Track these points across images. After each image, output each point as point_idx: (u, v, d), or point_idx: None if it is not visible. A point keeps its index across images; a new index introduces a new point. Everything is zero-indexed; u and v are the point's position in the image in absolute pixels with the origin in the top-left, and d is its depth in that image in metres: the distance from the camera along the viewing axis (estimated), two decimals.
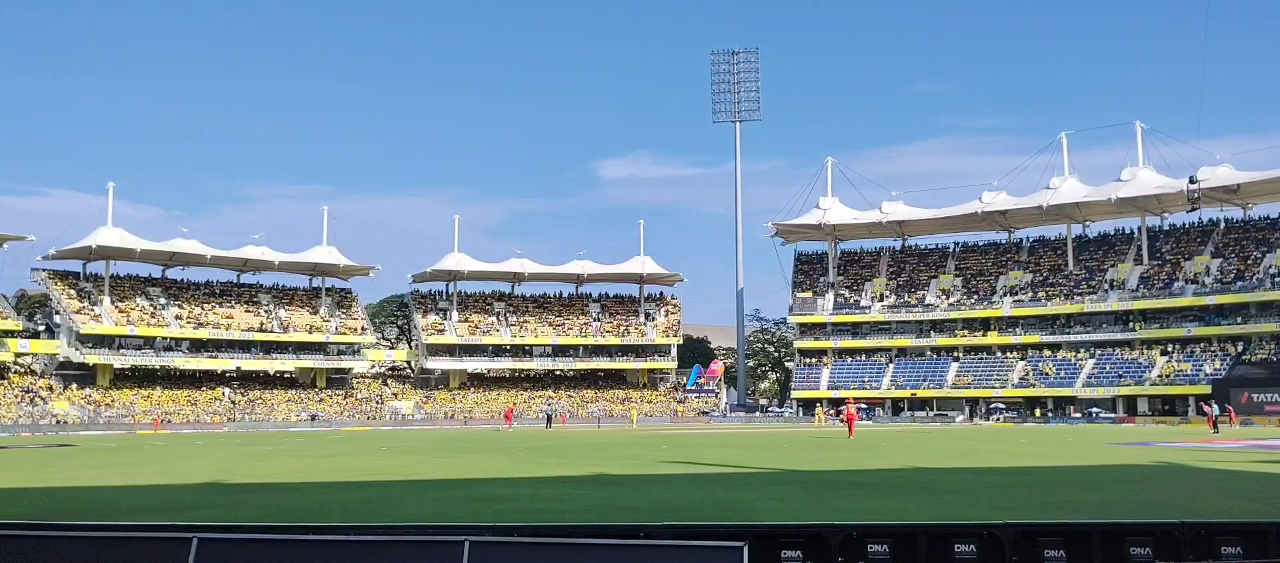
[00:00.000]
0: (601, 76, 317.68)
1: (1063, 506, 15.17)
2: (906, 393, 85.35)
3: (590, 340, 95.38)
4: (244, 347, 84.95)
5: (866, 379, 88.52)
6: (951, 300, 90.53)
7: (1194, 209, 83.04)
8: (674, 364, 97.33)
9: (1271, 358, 72.68)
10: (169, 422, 73.26)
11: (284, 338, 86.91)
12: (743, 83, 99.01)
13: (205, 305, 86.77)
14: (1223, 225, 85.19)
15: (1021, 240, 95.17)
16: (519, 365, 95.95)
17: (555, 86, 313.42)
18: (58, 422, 70.06)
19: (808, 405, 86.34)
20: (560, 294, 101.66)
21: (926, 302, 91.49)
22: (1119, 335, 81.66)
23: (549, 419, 66.39)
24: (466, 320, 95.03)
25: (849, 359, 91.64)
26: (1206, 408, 55.54)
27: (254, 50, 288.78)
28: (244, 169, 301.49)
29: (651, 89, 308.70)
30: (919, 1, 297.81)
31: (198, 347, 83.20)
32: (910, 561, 8.91)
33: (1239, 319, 76.27)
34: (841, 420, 72.28)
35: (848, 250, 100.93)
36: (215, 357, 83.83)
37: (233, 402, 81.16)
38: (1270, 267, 77.17)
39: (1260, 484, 19.32)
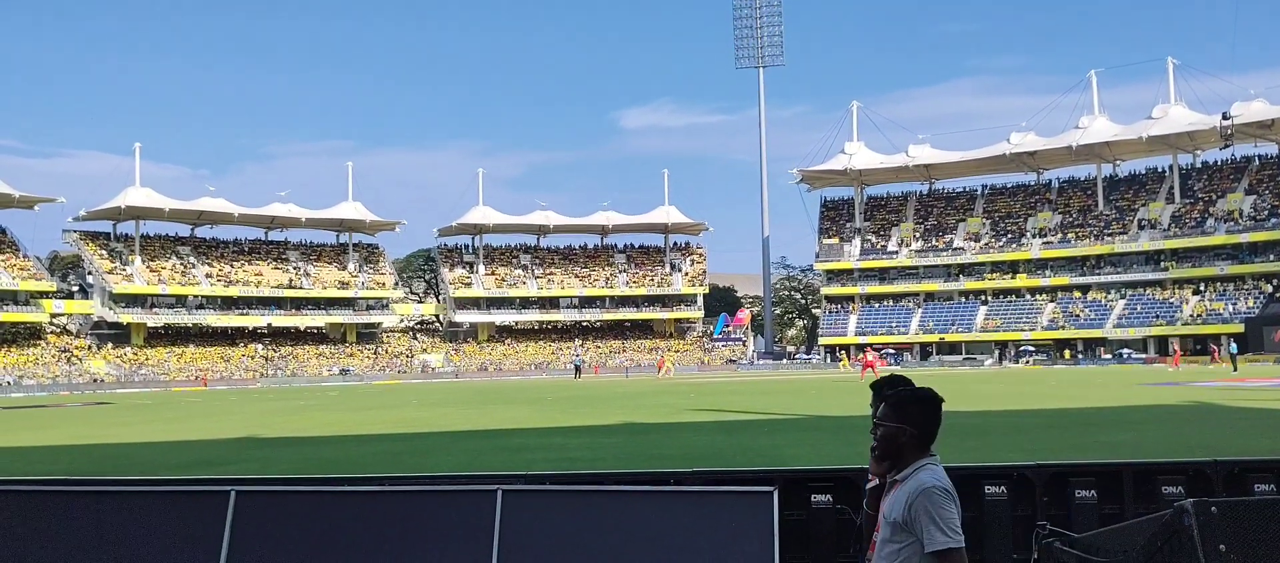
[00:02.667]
0: (621, 24, 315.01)
1: (1093, 446, 15.14)
2: (935, 337, 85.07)
3: (617, 291, 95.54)
4: (274, 303, 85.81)
5: (894, 325, 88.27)
6: (980, 244, 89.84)
7: (1227, 145, 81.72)
8: (701, 313, 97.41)
9: None
10: (203, 379, 74.29)
11: (313, 294, 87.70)
12: (765, 27, 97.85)
13: (234, 263, 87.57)
14: (1257, 162, 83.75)
15: (1050, 181, 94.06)
16: (546, 317, 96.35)
17: (575, 36, 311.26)
18: (94, 380, 71.23)
19: (835, 352, 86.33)
20: (585, 246, 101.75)
21: (954, 246, 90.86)
22: (1150, 275, 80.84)
23: (578, 369, 66.76)
24: (493, 274, 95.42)
25: (876, 305, 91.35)
26: (1175, 345, 55.15)
27: (274, 7, 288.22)
28: (267, 126, 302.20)
29: (672, 36, 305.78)
30: None
31: (228, 304, 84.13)
32: None
33: (1272, 257, 75.24)
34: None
35: (874, 195, 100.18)
36: (246, 314, 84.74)
37: (265, 358, 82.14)
38: None
39: None
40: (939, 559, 3.58)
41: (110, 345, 78.59)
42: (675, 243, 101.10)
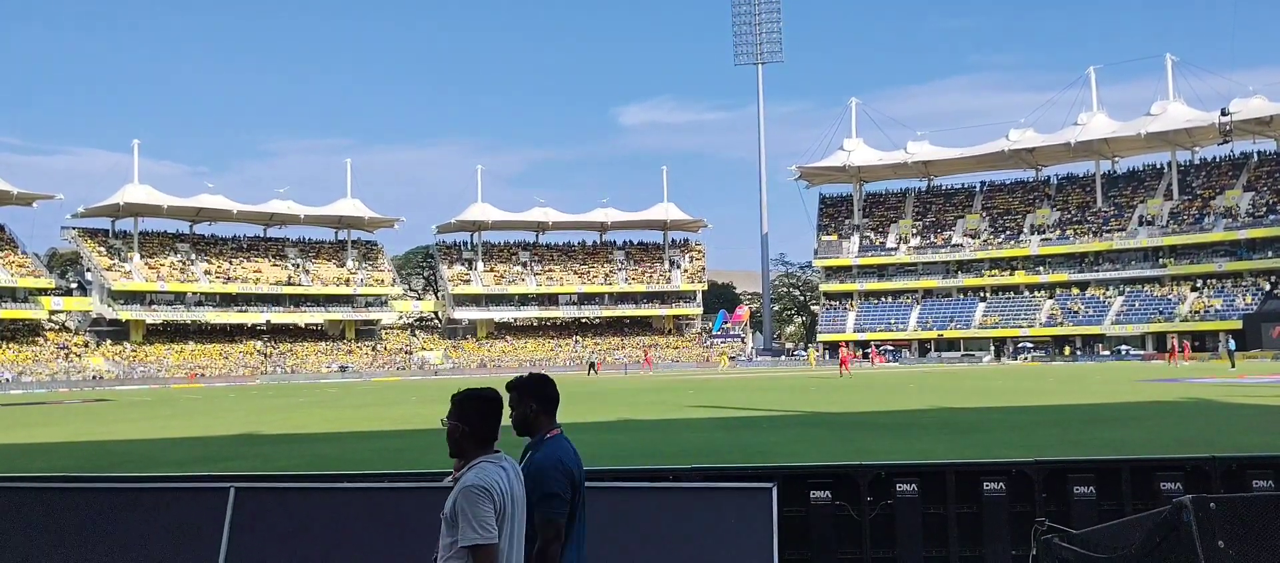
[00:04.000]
0: (620, 21, 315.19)
1: (1092, 443, 15.16)
2: (933, 334, 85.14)
3: (616, 288, 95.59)
4: (273, 300, 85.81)
5: (893, 322, 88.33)
6: (978, 241, 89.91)
7: (1226, 142, 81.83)
8: (699, 310, 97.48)
9: None
10: (202, 375, 74.29)
11: (312, 291, 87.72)
12: (764, 24, 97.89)
13: (233, 260, 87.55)
14: (1255, 158, 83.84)
15: (1049, 178, 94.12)
16: (545, 314, 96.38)
17: (574, 32, 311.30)
18: (93, 378, 71.21)
19: (833, 348, 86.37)
20: (584, 242, 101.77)
21: (953, 242, 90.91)
22: (1148, 272, 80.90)
23: (592, 366, 67.16)
24: (492, 270, 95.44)
25: (875, 302, 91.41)
26: (1172, 341, 55.35)
27: (273, 4, 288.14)
28: (266, 123, 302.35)
29: (671, 33, 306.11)
30: None
31: (227, 301, 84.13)
32: (939, 499, 8.94)
33: (1271, 253, 75.31)
34: (866, 361, 72.29)
35: (873, 192, 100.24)
36: (244, 311, 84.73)
37: (264, 355, 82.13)
38: None
39: None
40: (472, 555, 3.72)
41: (109, 342, 78.56)
42: (674, 240, 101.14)
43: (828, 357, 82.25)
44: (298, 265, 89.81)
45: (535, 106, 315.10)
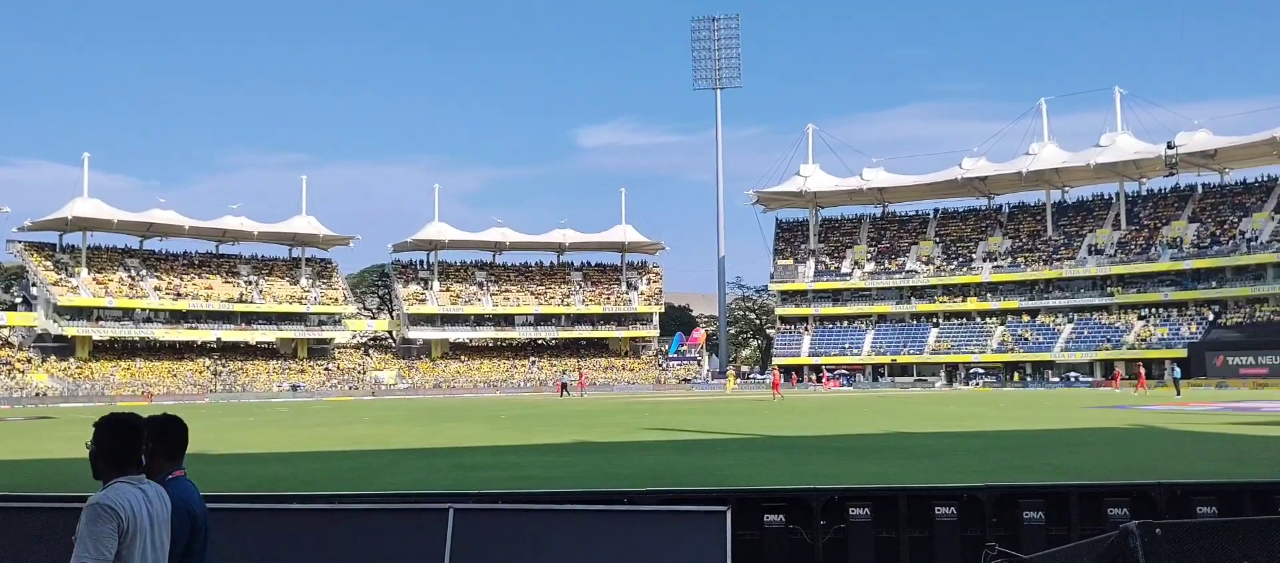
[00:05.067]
0: (580, 43, 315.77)
1: (1041, 468, 15.35)
2: (887, 359, 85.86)
3: (572, 309, 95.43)
4: (224, 317, 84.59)
5: (847, 346, 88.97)
6: (932, 267, 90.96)
7: (1172, 174, 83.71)
8: (656, 332, 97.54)
9: (1246, 322, 73.49)
10: (150, 393, 72.96)
11: (264, 308, 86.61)
12: (723, 49, 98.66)
13: (184, 276, 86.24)
14: (1200, 190, 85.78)
15: (1001, 206, 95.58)
16: (501, 335, 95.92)
17: (533, 53, 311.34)
18: (36, 394, 69.65)
19: (794, 372, 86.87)
20: (542, 263, 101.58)
21: (907, 268, 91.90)
22: (1097, 300, 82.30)
23: (564, 387, 66.87)
24: (448, 290, 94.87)
25: (830, 326, 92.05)
26: (1141, 369, 56.52)
27: (228, 16, 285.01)
28: (220, 138, 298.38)
29: (631, 56, 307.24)
30: None
31: (177, 317, 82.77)
32: (891, 523, 9.01)
33: (1215, 283, 77.00)
34: (820, 384, 72.82)
35: (829, 217, 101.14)
36: (195, 327, 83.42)
37: (214, 373, 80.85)
38: (1246, 231, 77.88)
39: (1234, 445, 19.60)
40: None
41: (53, 358, 76.92)
42: (631, 262, 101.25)
43: (740, 381, 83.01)
44: (250, 282, 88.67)
45: (494, 126, 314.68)
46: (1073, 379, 75.05)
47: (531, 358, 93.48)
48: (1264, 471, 14.65)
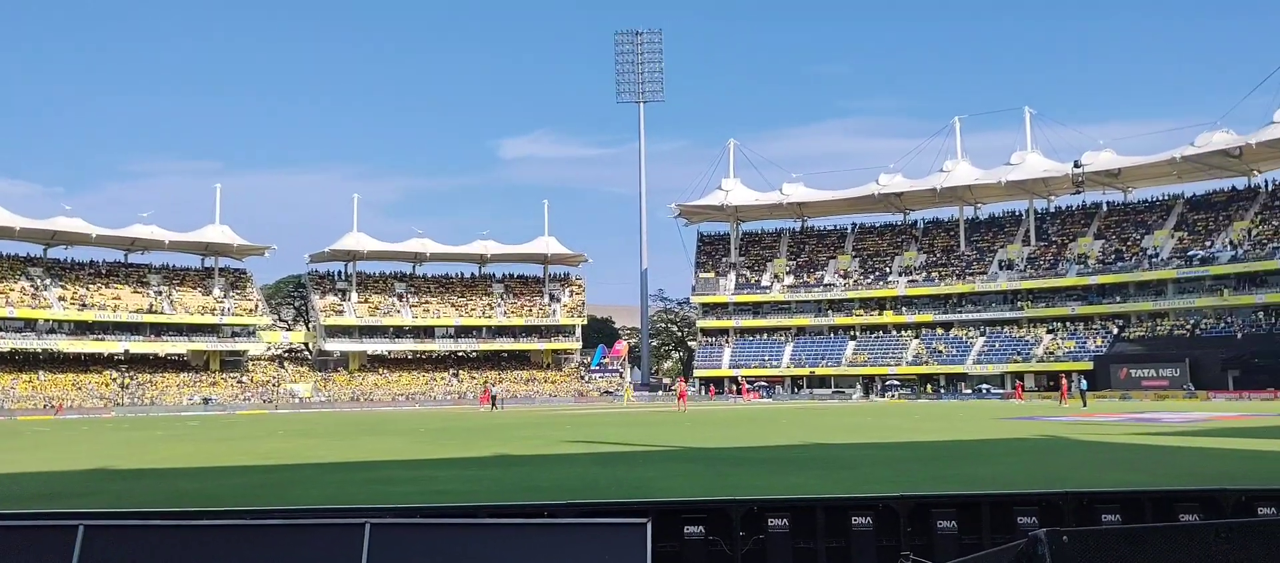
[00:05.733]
0: (503, 54, 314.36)
1: (954, 478, 15.68)
2: (805, 371, 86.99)
3: (494, 321, 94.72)
4: (132, 329, 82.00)
5: (767, 358, 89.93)
6: (849, 281, 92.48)
7: (1078, 192, 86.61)
8: (578, 344, 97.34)
9: (1148, 335, 76.17)
10: (57, 405, 70.38)
11: (175, 319, 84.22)
12: (646, 63, 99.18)
13: (91, 286, 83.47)
14: (1105, 208, 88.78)
15: (916, 222, 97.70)
16: (421, 347, 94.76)
17: (456, 63, 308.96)
18: None
19: (713, 384, 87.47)
20: (463, 275, 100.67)
21: (825, 281, 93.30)
22: (1007, 314, 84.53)
23: (494, 399, 66.16)
24: (366, 301, 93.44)
25: (750, 338, 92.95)
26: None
27: (138, 19, 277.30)
28: (129, 144, 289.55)
29: (554, 68, 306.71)
30: None
31: (83, 329, 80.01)
32: (809, 533, 9.12)
33: (1119, 298, 79.70)
34: (739, 396, 73.48)
35: (749, 231, 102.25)
36: (102, 339, 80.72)
37: (122, 385, 78.34)
38: (1148, 248, 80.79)
39: (1136, 455, 20.27)
40: None
41: None
42: (554, 274, 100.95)
43: (636, 393, 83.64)
44: (160, 293, 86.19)
45: (415, 135, 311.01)
46: (985, 391, 76.92)
47: (452, 371, 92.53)
48: (1165, 480, 15.18)
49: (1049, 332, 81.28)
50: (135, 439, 32.30)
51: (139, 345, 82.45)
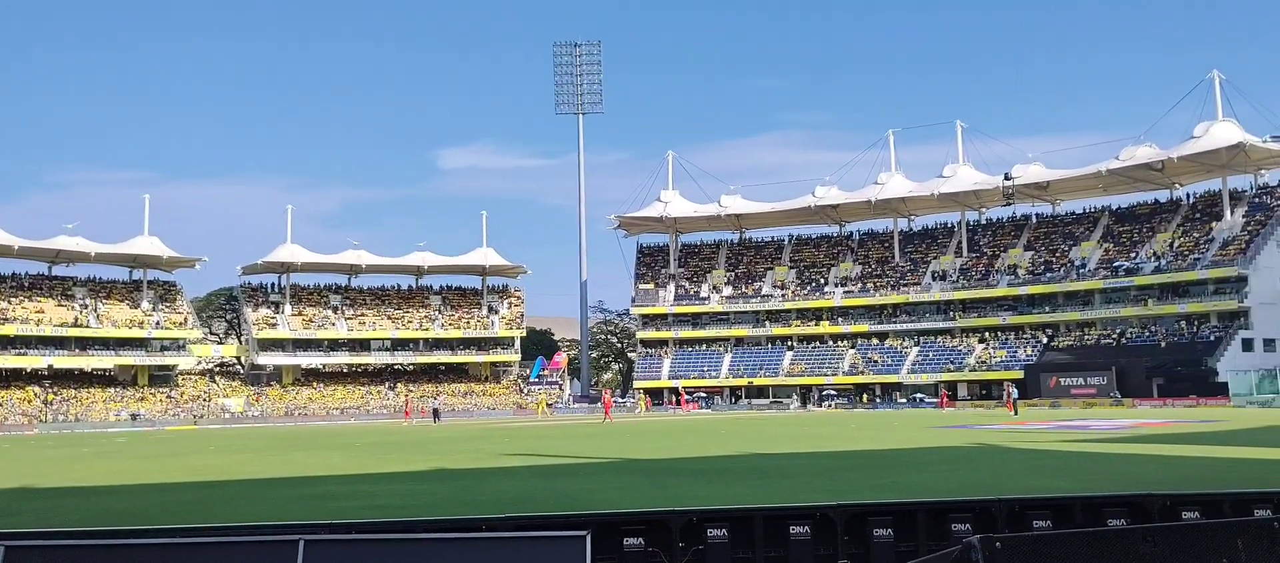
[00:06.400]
0: (442, 65, 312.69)
1: (890, 487, 15.88)
2: (744, 381, 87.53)
3: (432, 334, 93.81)
4: (56, 343, 79.67)
5: (706, 368, 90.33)
6: (786, 291, 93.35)
7: (1009, 204, 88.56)
8: (517, 357, 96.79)
9: (1076, 345, 77.99)
10: None
11: (101, 333, 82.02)
12: (585, 75, 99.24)
13: (12, 299, 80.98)
14: (1034, 220, 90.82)
15: (852, 233, 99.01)
16: (356, 360, 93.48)
17: (394, 73, 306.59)
18: None
19: (651, 394, 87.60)
20: (399, 287, 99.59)
21: (763, 292, 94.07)
22: (941, 324, 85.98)
23: (436, 413, 65.37)
24: (300, 314, 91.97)
25: (689, 349, 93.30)
26: (1011, 391, 59.36)
27: (66, 23, 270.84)
28: (54, 152, 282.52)
29: (494, 79, 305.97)
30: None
31: (4, 343, 77.50)
32: (748, 543, 9.16)
33: (1048, 308, 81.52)
34: (678, 407, 73.60)
35: (688, 243, 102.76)
36: (23, 354, 78.31)
37: (45, 402, 76.08)
38: (1075, 259, 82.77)
39: (1066, 462, 20.73)
40: None
41: None
42: (493, 285, 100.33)
43: (576, 404, 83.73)
44: (86, 306, 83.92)
45: (352, 145, 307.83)
46: (919, 400, 78.07)
47: (388, 383, 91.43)
48: (1094, 485, 15.53)
49: (981, 341, 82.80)
50: (59, 457, 31.39)
51: (63, 360, 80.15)
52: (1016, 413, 52.89)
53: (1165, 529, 4.55)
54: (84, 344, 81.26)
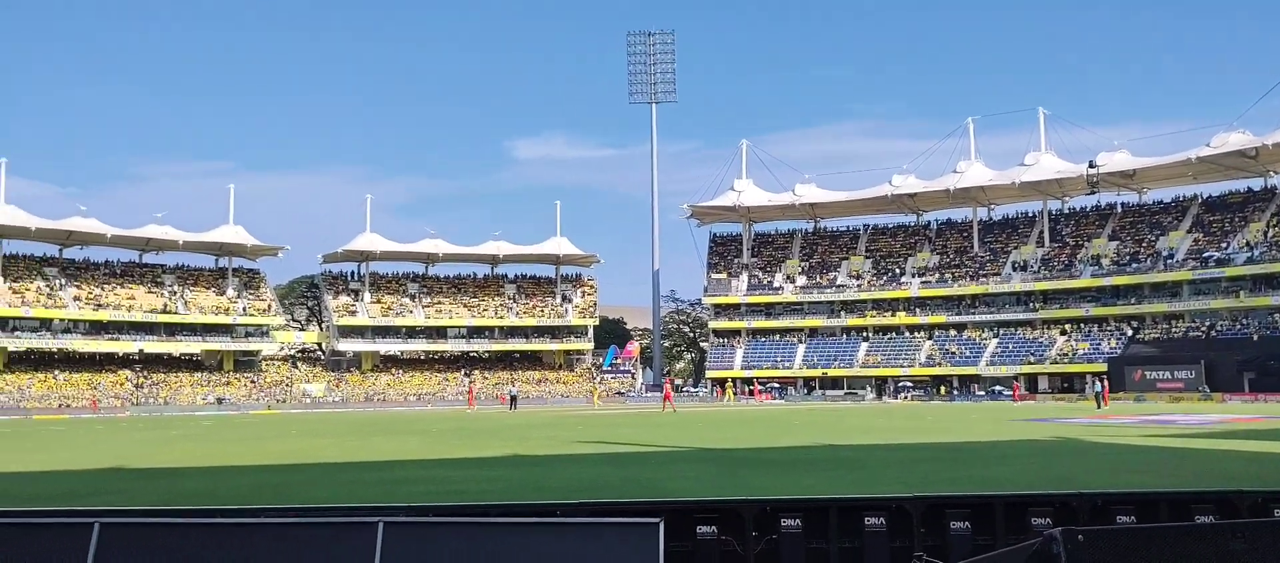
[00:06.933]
0: (515, 56, 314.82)
1: (967, 479, 15.62)
2: (818, 372, 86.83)
3: (506, 322, 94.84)
4: (146, 328, 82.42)
5: (779, 359, 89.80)
6: (862, 282, 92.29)
7: (1093, 193, 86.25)
8: (590, 345, 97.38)
9: (1162, 337, 75.77)
10: (67, 406, 70.79)
11: (189, 319, 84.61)
12: (659, 64, 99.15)
13: (105, 286, 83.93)
14: (1119, 209, 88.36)
15: (929, 223, 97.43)
16: (433, 347, 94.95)
17: (468, 65, 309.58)
18: None
19: (721, 385, 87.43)
20: (475, 275, 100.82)
21: (837, 282, 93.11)
22: (1021, 315, 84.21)
23: (513, 400, 66.15)
24: (379, 301, 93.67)
25: (762, 339, 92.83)
26: (1101, 382, 57.93)
27: (153, 22, 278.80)
28: (143, 145, 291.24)
29: (566, 69, 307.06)
30: None
31: (97, 328, 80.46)
32: (821, 533, 9.09)
33: (1133, 300, 79.30)
34: (750, 398, 73.45)
35: (761, 232, 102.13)
36: (116, 339, 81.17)
37: (136, 385, 78.74)
38: (1163, 249, 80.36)
39: (1151, 457, 20.15)
40: None
41: None
42: (566, 274, 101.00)
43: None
44: (174, 293, 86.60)
45: (427, 136, 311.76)
46: (998, 393, 76.61)
47: (464, 370, 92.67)
48: (1180, 482, 15.09)
49: (1063, 333, 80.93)
50: (149, 439, 32.46)
51: (153, 345, 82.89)
52: (1104, 405, 51.57)
53: (1257, 525, 4.40)
54: (172, 330, 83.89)
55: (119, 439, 32.53)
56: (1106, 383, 59.06)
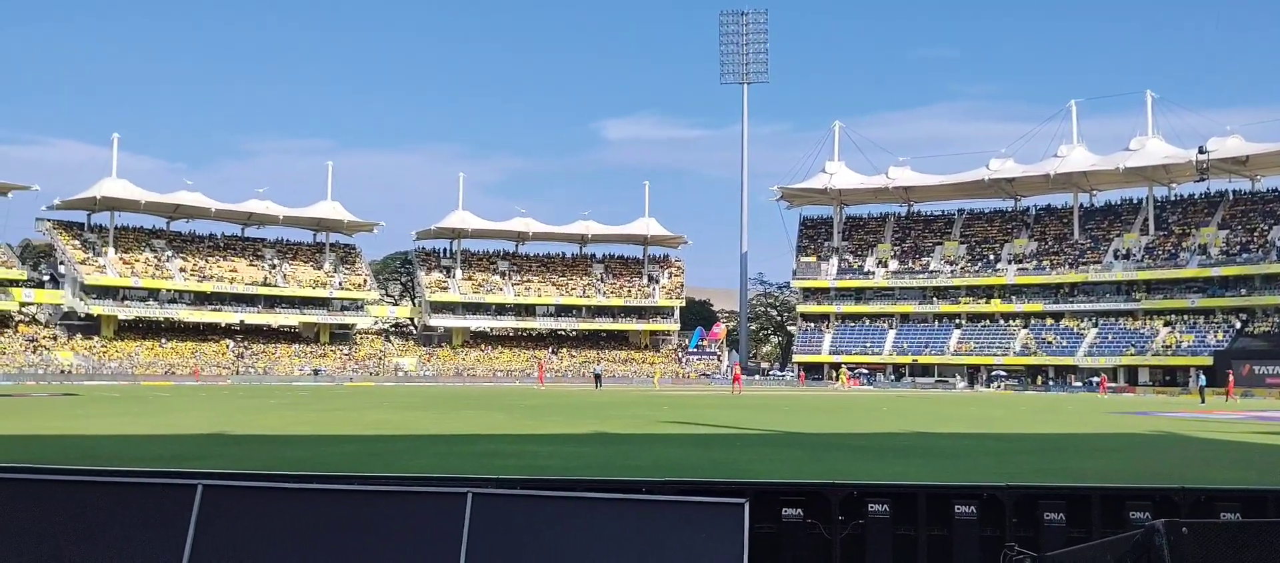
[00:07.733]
0: (605, 35, 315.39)
1: (1062, 471, 15.22)
2: (908, 359, 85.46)
3: (593, 301, 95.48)
4: (247, 300, 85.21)
5: (869, 345, 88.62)
6: (956, 267, 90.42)
7: (1202, 180, 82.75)
8: (677, 326, 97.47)
9: (1274, 330, 72.63)
10: (172, 373, 73.63)
11: (287, 292, 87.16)
12: (751, 44, 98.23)
13: (209, 259, 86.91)
14: (1230, 197, 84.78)
15: (1027, 208, 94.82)
16: (522, 325, 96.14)
17: (558, 45, 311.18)
18: (61, 371, 70.40)
19: (811, 369, 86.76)
20: (564, 254, 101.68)
21: (930, 268, 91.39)
22: (1122, 305, 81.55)
23: (598, 378, 66.73)
24: (470, 279, 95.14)
25: (851, 324, 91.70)
26: (1230, 374, 55.73)
27: (254, 4, 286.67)
28: (246, 123, 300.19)
29: (656, 49, 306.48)
30: None
31: (201, 299, 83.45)
32: (910, 520, 8.96)
33: (1243, 291, 76.12)
34: (841, 383, 72.78)
35: (853, 216, 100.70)
36: (219, 310, 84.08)
37: (237, 355, 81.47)
38: (1276, 240, 76.94)
39: (1257, 454, 19.38)
40: None
41: (79, 337, 77.74)
42: (654, 255, 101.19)
43: (759, 377, 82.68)
44: (274, 266, 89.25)
45: (518, 116, 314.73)
46: (1095, 384, 74.45)
47: (552, 348, 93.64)
48: None
49: (1166, 325, 78.19)
50: (250, 407, 33.56)
51: (254, 317, 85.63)
52: (1204, 401, 49.71)
53: None
54: (272, 302, 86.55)
55: (221, 407, 33.71)
56: (1231, 375, 56.61)
